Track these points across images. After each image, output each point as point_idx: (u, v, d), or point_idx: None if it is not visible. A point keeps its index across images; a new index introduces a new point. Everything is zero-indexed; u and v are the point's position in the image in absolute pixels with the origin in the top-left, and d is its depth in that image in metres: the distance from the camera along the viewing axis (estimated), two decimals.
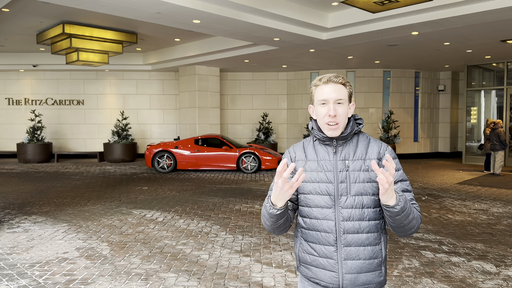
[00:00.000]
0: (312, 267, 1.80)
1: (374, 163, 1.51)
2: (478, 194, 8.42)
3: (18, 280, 3.96)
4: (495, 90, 14.56)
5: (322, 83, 1.76)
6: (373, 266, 1.74)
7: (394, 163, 1.54)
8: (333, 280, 1.75)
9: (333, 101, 1.73)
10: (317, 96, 1.77)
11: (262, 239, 5.31)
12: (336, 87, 1.74)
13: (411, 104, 15.91)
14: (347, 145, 1.79)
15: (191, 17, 8.14)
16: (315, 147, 1.83)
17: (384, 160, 1.51)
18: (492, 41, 10.30)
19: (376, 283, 1.76)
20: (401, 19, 8.43)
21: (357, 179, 1.73)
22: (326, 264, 1.76)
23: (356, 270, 1.73)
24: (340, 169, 1.75)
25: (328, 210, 1.74)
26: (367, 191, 1.72)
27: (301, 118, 16.34)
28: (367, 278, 1.74)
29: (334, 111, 1.72)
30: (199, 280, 3.97)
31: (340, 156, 1.77)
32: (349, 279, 1.73)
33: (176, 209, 7.06)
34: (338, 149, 1.78)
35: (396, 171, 1.74)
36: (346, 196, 1.72)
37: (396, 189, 1.67)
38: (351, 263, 1.73)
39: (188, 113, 14.89)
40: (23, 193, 8.55)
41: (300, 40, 10.11)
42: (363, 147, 1.79)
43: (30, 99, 15.84)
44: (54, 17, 9.58)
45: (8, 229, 5.81)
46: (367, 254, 1.73)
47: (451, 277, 4.05)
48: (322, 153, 1.80)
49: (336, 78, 1.75)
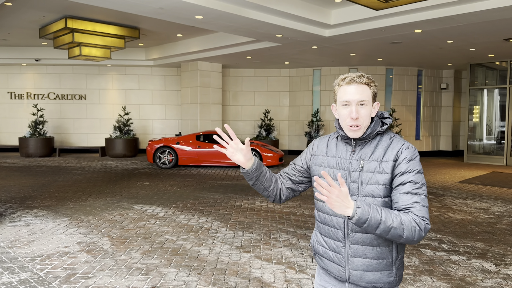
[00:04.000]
0: (324, 259, 1.85)
1: (316, 178, 1.48)
2: (479, 193, 8.41)
3: (19, 273, 3.98)
4: (498, 89, 14.51)
5: (345, 83, 1.72)
6: (381, 266, 1.73)
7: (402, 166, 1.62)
8: (341, 273, 1.78)
9: (356, 102, 1.68)
10: (340, 96, 1.74)
11: (262, 236, 5.33)
12: (359, 88, 1.69)
13: (413, 102, 15.88)
14: (366, 146, 1.76)
15: (193, 12, 8.12)
16: (337, 144, 1.84)
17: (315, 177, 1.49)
18: (496, 40, 10.26)
19: (385, 283, 1.74)
20: (404, 16, 8.39)
21: (370, 180, 1.70)
22: (334, 258, 1.79)
23: (362, 268, 1.73)
24: (353, 169, 1.73)
25: None
26: (379, 193, 1.69)
27: (302, 115, 16.33)
28: (374, 277, 1.73)
29: (356, 114, 1.68)
30: (199, 276, 3.99)
31: (357, 156, 1.75)
32: (355, 275, 1.74)
33: (177, 205, 7.08)
34: (356, 149, 1.76)
35: (408, 172, 1.66)
36: (357, 196, 1.71)
37: (402, 191, 1.63)
38: (357, 260, 1.73)
39: (190, 109, 14.89)
40: (25, 187, 8.58)
41: (302, 37, 10.09)
42: (382, 148, 1.73)
43: (32, 93, 15.86)
44: (57, 11, 9.57)
45: (10, 222, 5.83)
46: (375, 254, 1.72)
47: (450, 275, 4.05)
48: (341, 150, 1.80)
49: (359, 78, 1.70)
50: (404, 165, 1.67)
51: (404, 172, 1.66)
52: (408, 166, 1.67)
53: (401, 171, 1.67)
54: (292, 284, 3.81)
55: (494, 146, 14.63)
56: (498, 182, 9.79)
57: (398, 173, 1.67)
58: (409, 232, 1.55)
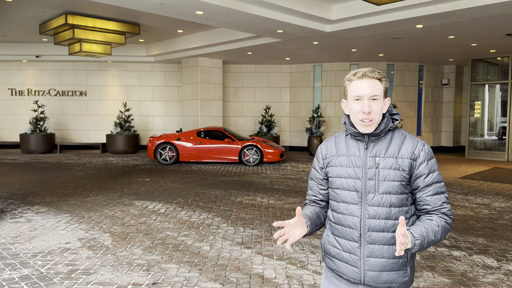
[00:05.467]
0: (336, 260, 1.81)
1: (402, 219, 1.51)
2: (480, 189, 8.40)
3: (21, 269, 3.99)
4: (500, 84, 14.46)
5: (357, 78, 1.70)
6: (397, 266, 1.71)
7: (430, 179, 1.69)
8: (355, 275, 1.74)
9: (368, 97, 1.67)
10: (351, 91, 1.72)
11: (263, 232, 5.33)
12: (371, 83, 1.68)
13: (415, 98, 15.84)
14: (379, 142, 1.73)
15: (194, 8, 8.09)
16: (346, 142, 1.80)
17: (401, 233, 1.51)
18: (497, 35, 10.21)
19: (400, 283, 1.73)
20: (406, 11, 8.35)
21: (387, 177, 1.68)
22: (348, 259, 1.75)
23: (378, 268, 1.70)
24: (369, 166, 1.71)
25: (354, 206, 1.72)
26: (396, 190, 1.68)
27: (303, 111, 16.30)
28: (390, 277, 1.71)
29: (369, 108, 1.66)
30: (200, 271, 3.99)
31: (371, 152, 1.72)
32: (370, 276, 1.71)
33: (178, 201, 7.08)
34: (369, 145, 1.74)
35: (431, 173, 1.70)
36: (374, 194, 1.69)
37: (429, 193, 1.70)
38: (374, 260, 1.71)
39: (190, 105, 14.87)
40: (26, 184, 8.59)
41: (303, 32, 10.05)
42: (396, 144, 1.72)
43: (33, 89, 15.85)
44: (57, 7, 9.54)
45: (11, 219, 5.84)
46: (392, 253, 1.70)
47: (452, 271, 4.05)
48: (353, 148, 1.77)
49: (371, 73, 1.69)
50: (425, 166, 1.70)
51: (428, 173, 1.69)
52: (430, 167, 1.70)
53: (424, 173, 1.69)
54: (293, 280, 3.81)
55: (496, 141, 14.60)
56: (499, 178, 9.77)
57: (422, 174, 1.70)
58: (442, 235, 1.68)
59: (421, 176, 1.69)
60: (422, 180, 1.69)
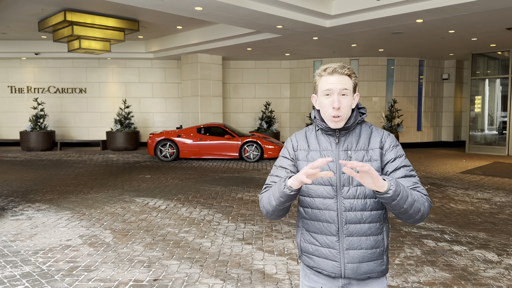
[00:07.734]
0: (314, 257, 1.80)
1: (342, 162, 1.46)
2: (481, 183, 8.40)
3: (22, 267, 3.99)
4: (500, 79, 14.42)
5: (327, 74, 1.72)
6: (375, 256, 1.74)
7: (393, 153, 1.65)
8: (335, 269, 1.75)
9: (338, 92, 1.69)
10: (321, 86, 1.74)
11: (264, 227, 5.33)
12: (341, 78, 1.70)
13: (415, 93, 15.81)
14: (349, 136, 1.77)
15: (193, 4, 8.06)
16: (317, 137, 1.81)
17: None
18: (498, 29, 10.18)
19: (378, 272, 1.76)
20: (406, 6, 8.32)
21: None
22: (328, 254, 1.76)
23: (358, 259, 1.72)
24: (342, 160, 1.73)
25: (330, 201, 1.73)
26: None
27: (304, 107, 16.28)
28: (369, 267, 1.74)
29: (338, 103, 1.68)
30: (201, 267, 4.00)
31: (343, 146, 1.75)
32: (351, 268, 1.73)
33: (178, 197, 7.08)
34: (340, 140, 1.76)
35: (397, 158, 1.74)
36: (349, 187, 1.71)
37: (398, 176, 1.70)
38: (353, 252, 1.72)
39: (190, 101, 14.86)
40: (27, 181, 8.59)
41: (303, 28, 10.02)
42: (365, 137, 1.77)
43: (32, 87, 15.83)
44: (56, 4, 9.51)
45: (12, 216, 5.84)
46: (369, 244, 1.73)
47: (452, 265, 4.05)
48: (324, 143, 1.78)
49: (341, 69, 1.71)
50: (392, 151, 1.75)
51: (395, 158, 1.74)
52: (396, 152, 1.75)
53: (392, 158, 1.74)
54: (294, 275, 3.82)
55: (496, 136, 14.58)
56: (500, 173, 9.77)
57: (390, 159, 1.74)
58: (424, 206, 1.64)
59: (389, 161, 1.74)
60: (390, 164, 1.73)
